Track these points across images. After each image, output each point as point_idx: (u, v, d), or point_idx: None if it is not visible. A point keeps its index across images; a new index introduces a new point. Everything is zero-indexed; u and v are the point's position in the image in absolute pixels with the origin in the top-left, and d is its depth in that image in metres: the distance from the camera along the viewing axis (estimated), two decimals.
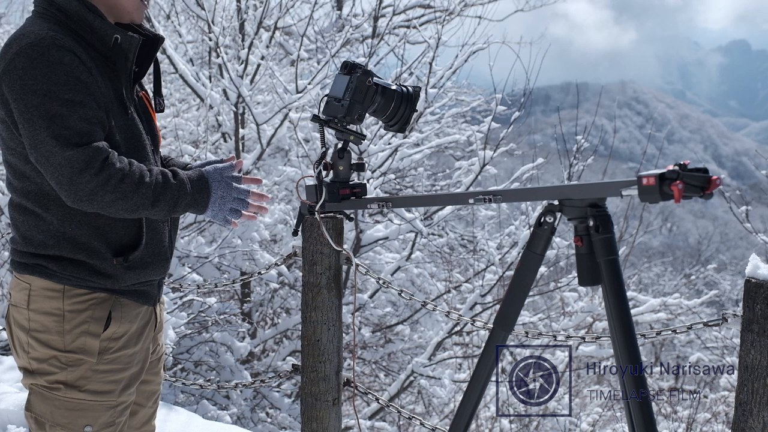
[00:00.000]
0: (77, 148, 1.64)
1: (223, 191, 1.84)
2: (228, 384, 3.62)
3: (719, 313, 2.21)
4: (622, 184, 1.71)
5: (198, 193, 1.81)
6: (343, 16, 8.51)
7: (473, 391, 2.06)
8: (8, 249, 5.50)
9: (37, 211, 1.76)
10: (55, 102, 1.64)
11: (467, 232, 8.42)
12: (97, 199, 1.67)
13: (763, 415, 1.98)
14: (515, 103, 7.52)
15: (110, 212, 1.71)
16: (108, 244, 1.79)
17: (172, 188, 1.76)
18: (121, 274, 1.81)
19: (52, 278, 1.77)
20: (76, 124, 1.65)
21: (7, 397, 3.83)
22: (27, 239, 1.79)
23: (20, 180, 1.76)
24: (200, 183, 1.82)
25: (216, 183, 1.84)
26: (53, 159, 1.64)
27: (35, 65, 1.64)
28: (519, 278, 1.97)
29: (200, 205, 1.82)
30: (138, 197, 1.70)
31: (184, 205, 1.79)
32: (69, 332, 1.76)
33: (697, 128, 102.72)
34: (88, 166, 1.64)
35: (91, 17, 1.75)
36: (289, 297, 6.91)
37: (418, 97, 2.14)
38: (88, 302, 1.78)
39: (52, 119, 1.63)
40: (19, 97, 1.65)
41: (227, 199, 1.85)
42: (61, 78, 1.65)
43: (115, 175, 1.67)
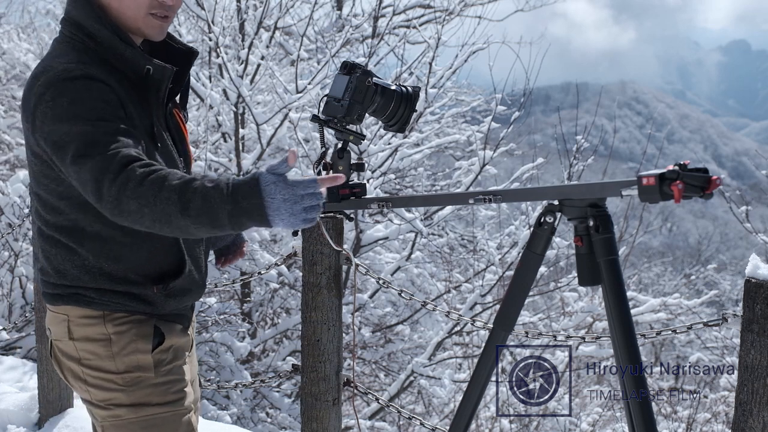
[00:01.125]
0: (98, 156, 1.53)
1: (285, 193, 1.48)
2: (228, 384, 3.62)
3: (719, 313, 2.21)
4: (622, 184, 1.71)
5: (244, 199, 1.47)
6: (343, 16, 8.51)
7: (473, 391, 2.06)
8: (8, 248, 5.51)
9: (72, 245, 1.68)
10: (81, 122, 1.56)
11: (467, 232, 8.42)
12: (124, 208, 1.50)
13: (763, 415, 1.98)
14: (515, 103, 7.53)
15: (147, 225, 1.52)
16: (146, 276, 1.72)
17: (204, 191, 1.48)
18: (161, 302, 1.75)
19: (90, 306, 1.70)
20: (101, 138, 1.55)
21: (7, 397, 3.83)
22: (60, 273, 1.72)
23: (52, 214, 1.69)
24: (247, 187, 1.47)
25: (272, 186, 1.47)
26: (85, 176, 1.53)
27: (63, 93, 1.58)
28: (519, 278, 1.97)
29: (255, 215, 1.48)
30: (162, 203, 1.47)
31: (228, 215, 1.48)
32: (119, 354, 1.71)
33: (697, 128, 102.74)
34: (107, 170, 1.51)
35: (123, 47, 1.67)
36: (289, 297, 6.92)
37: (418, 97, 2.14)
38: (130, 323, 1.73)
39: (80, 139, 1.54)
40: (51, 129, 1.57)
41: (292, 201, 1.48)
42: (88, 103, 1.58)
43: (134, 178, 1.49)
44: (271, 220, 1.48)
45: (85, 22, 1.68)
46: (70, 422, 3.57)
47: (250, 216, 1.49)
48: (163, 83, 1.73)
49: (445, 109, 7.93)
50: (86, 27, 1.68)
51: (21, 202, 5.34)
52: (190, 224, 1.50)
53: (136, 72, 1.69)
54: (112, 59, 1.67)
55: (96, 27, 1.67)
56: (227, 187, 1.48)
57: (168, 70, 1.73)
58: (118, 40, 1.67)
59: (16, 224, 5.14)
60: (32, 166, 1.69)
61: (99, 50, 1.67)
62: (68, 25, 1.71)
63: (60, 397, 3.62)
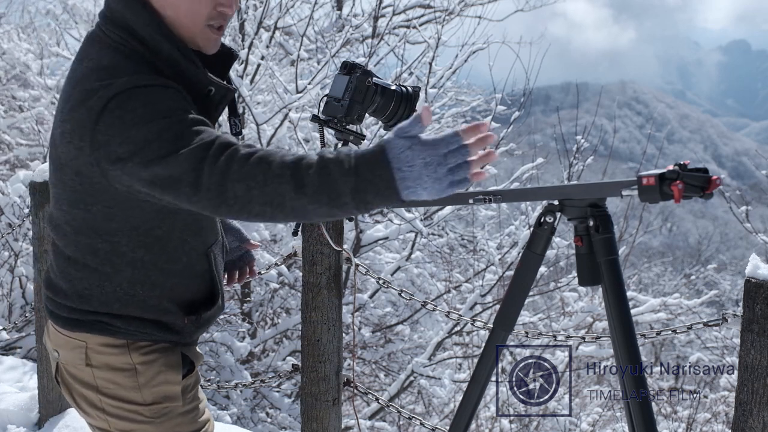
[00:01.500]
0: (190, 147, 1.37)
1: (424, 155, 1.27)
2: (228, 384, 3.62)
3: (719, 313, 2.21)
4: (622, 184, 1.71)
5: (369, 171, 1.27)
6: (343, 16, 8.51)
7: (473, 391, 2.06)
8: (8, 248, 5.51)
9: (104, 269, 1.54)
10: (160, 121, 1.39)
11: (467, 232, 8.42)
12: (229, 194, 1.33)
13: (763, 415, 1.98)
14: (515, 103, 7.53)
15: (256, 211, 1.35)
16: (179, 304, 1.61)
17: (323, 165, 1.30)
18: (190, 332, 1.65)
19: (114, 335, 1.57)
20: (187, 130, 1.39)
21: (7, 397, 3.83)
22: (84, 297, 1.57)
23: (88, 237, 1.54)
24: (373, 157, 1.28)
25: (407, 152, 1.27)
26: (177, 171, 1.35)
27: (134, 98, 1.40)
28: (519, 278, 1.97)
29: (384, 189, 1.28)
30: (274, 181, 1.31)
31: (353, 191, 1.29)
32: (146, 385, 1.59)
33: (697, 128, 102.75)
34: (205, 158, 1.35)
35: (185, 64, 1.51)
36: (289, 297, 6.91)
37: (418, 97, 2.14)
38: (157, 352, 1.61)
39: (162, 136, 1.37)
40: (124, 139, 1.39)
41: (435, 164, 1.27)
42: (165, 102, 1.41)
43: (237, 159, 1.33)
44: (407, 192, 1.28)
45: (142, 30, 1.50)
46: (70, 422, 3.56)
47: (377, 190, 1.28)
48: (222, 105, 1.60)
49: (445, 109, 7.92)
50: (143, 35, 1.50)
51: (21, 202, 5.34)
52: (306, 204, 1.31)
53: (193, 91, 1.52)
54: (168, 73, 1.50)
55: (156, 38, 1.49)
56: (348, 158, 1.30)
57: (231, 92, 1.60)
58: (179, 55, 1.51)
59: (16, 224, 5.14)
60: (72, 185, 1.51)
61: (155, 61, 1.50)
62: (115, 28, 1.51)
63: (60, 397, 3.62)
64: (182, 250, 1.59)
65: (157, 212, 1.53)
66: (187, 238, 1.60)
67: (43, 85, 8.42)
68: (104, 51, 1.50)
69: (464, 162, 1.28)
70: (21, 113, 8.35)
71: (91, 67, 1.47)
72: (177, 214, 1.56)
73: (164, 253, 1.57)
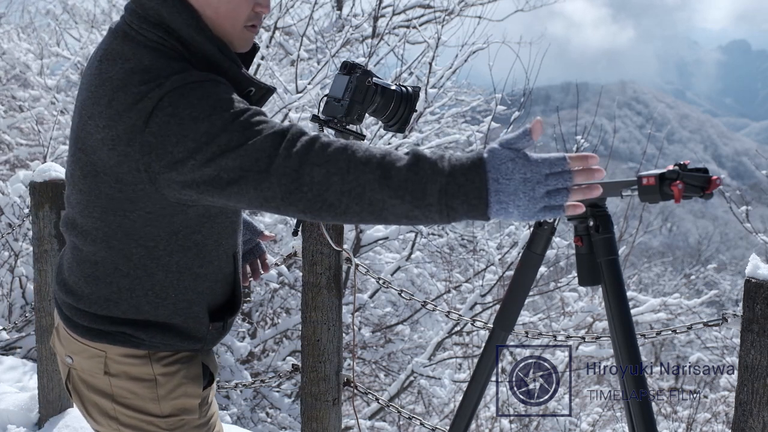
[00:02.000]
0: (264, 132, 1.31)
1: (524, 172, 1.20)
2: (228, 384, 3.62)
3: (719, 313, 2.21)
4: (622, 184, 1.71)
5: (463, 175, 1.20)
6: (343, 16, 8.51)
7: (473, 391, 2.06)
8: (8, 248, 5.51)
9: (138, 274, 1.50)
10: (224, 113, 1.33)
11: (467, 232, 8.42)
12: (306, 179, 1.25)
13: (763, 415, 1.98)
14: (515, 102, 7.53)
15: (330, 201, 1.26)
16: (207, 308, 1.59)
17: (415, 161, 1.23)
18: (212, 339, 1.62)
19: (138, 347, 1.54)
20: (255, 119, 1.33)
21: (7, 397, 3.83)
22: (111, 302, 1.52)
23: (122, 242, 1.48)
24: (471, 162, 1.21)
25: (509, 164, 1.20)
26: (247, 160, 1.29)
27: (187, 95, 1.34)
28: (519, 278, 1.97)
29: (473, 198, 1.20)
30: (357, 169, 1.24)
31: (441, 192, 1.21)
32: (165, 397, 1.56)
33: (697, 128, 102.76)
34: (282, 141, 1.29)
35: (227, 64, 1.47)
36: (289, 297, 6.91)
37: (418, 97, 2.14)
38: (178, 362, 1.58)
39: (228, 129, 1.31)
40: (180, 138, 1.32)
41: (534, 183, 1.20)
42: (222, 95, 1.36)
43: (319, 143, 1.28)
44: (498, 208, 1.20)
45: (181, 30, 1.44)
46: (70, 422, 3.57)
47: (466, 197, 1.20)
48: (260, 105, 1.56)
49: (445, 109, 7.92)
50: (182, 35, 1.44)
51: (21, 202, 5.34)
52: (387, 198, 1.23)
53: (237, 91, 1.46)
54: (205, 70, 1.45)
55: (197, 39, 1.44)
56: (443, 158, 1.23)
57: (270, 92, 1.56)
58: (222, 56, 1.47)
59: (16, 224, 5.14)
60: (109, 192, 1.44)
61: (194, 61, 1.44)
62: (150, 27, 1.44)
63: (60, 397, 3.62)
64: (215, 254, 1.57)
65: (199, 216, 1.49)
66: (222, 241, 1.58)
67: (43, 85, 8.41)
68: (141, 50, 1.42)
69: (564, 188, 1.22)
70: (21, 113, 8.34)
71: (130, 68, 1.39)
72: (217, 217, 1.53)
73: (199, 256, 1.54)
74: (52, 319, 2.49)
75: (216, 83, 1.38)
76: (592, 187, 1.24)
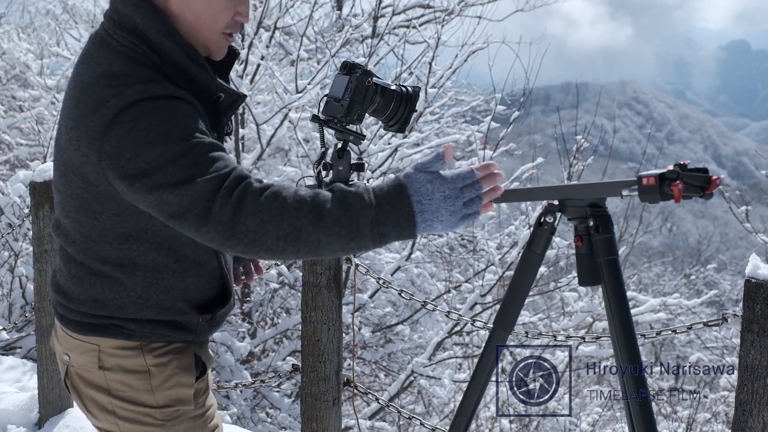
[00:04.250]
0: (207, 175, 1.36)
1: (443, 190, 1.33)
2: (228, 384, 3.62)
3: (719, 313, 2.21)
4: (622, 184, 1.71)
5: (389, 204, 1.32)
6: (343, 16, 8.51)
7: (473, 391, 2.06)
8: (8, 248, 5.51)
9: (117, 275, 1.54)
10: (177, 144, 1.37)
11: (467, 232, 8.42)
12: (240, 228, 1.33)
13: (763, 415, 1.98)
14: (515, 102, 7.53)
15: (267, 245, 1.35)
16: (194, 304, 1.61)
17: (342, 199, 1.33)
18: (204, 330, 1.65)
19: (129, 338, 1.57)
20: (204, 158, 1.38)
21: (7, 397, 3.83)
22: (98, 302, 1.56)
23: (98, 244, 1.53)
24: (392, 191, 1.33)
25: (427, 186, 1.33)
26: (186, 200, 1.35)
27: (146, 114, 1.38)
28: (519, 278, 1.97)
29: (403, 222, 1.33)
30: (290, 215, 1.32)
31: (371, 224, 1.32)
32: (159, 388, 1.59)
33: (697, 128, 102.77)
34: (219, 189, 1.35)
35: (195, 70, 1.50)
36: (289, 297, 6.91)
37: (418, 97, 2.14)
38: (170, 353, 1.61)
39: (177, 162, 1.36)
40: (133, 155, 1.37)
41: (453, 198, 1.34)
42: (179, 121, 1.40)
43: (252, 192, 1.34)
44: (424, 225, 1.33)
45: (152, 36, 1.47)
46: (70, 422, 3.57)
47: (396, 223, 1.33)
48: (231, 110, 1.60)
49: (444, 108, 7.92)
50: (152, 39, 1.47)
51: (21, 202, 5.34)
52: (321, 238, 1.33)
53: (202, 97, 1.52)
54: (177, 80, 1.48)
55: (166, 44, 1.47)
56: (367, 191, 1.34)
57: (240, 98, 1.59)
58: (190, 61, 1.49)
59: (16, 224, 5.14)
60: (79, 193, 1.49)
61: (164, 68, 1.48)
62: (124, 32, 1.48)
63: (60, 397, 3.62)
64: (190, 249, 1.58)
65: None
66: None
67: (43, 85, 8.42)
68: (113, 56, 1.47)
69: (477, 196, 1.35)
70: (21, 113, 8.35)
71: (100, 72, 1.44)
72: None
73: (172, 253, 1.56)
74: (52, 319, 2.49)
75: (178, 103, 1.42)
76: (496, 188, 1.39)
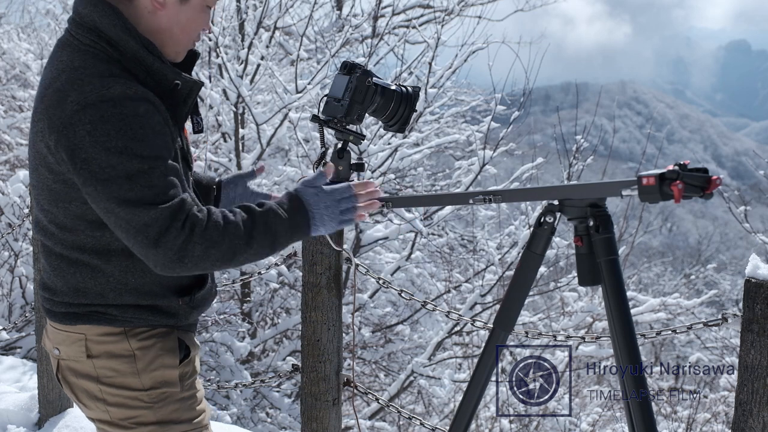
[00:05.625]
0: (162, 205, 1.49)
1: (326, 201, 1.66)
2: (228, 384, 3.62)
3: (719, 313, 2.21)
4: (622, 184, 1.71)
5: (297, 215, 1.62)
6: (343, 16, 8.52)
7: (473, 391, 2.05)
8: (8, 248, 5.51)
9: (95, 263, 1.61)
10: (134, 160, 1.47)
11: (467, 232, 8.42)
12: (188, 255, 1.50)
13: (763, 415, 1.98)
14: (515, 102, 7.52)
15: (205, 267, 1.55)
16: (171, 288, 1.68)
17: (263, 218, 1.58)
18: (185, 313, 1.71)
19: (112, 323, 1.63)
20: (159, 181, 1.50)
21: (7, 397, 3.83)
22: (79, 291, 1.63)
23: (72, 233, 1.60)
24: (296, 205, 1.63)
25: (314, 198, 1.65)
26: (136, 221, 1.48)
27: (107, 119, 1.47)
28: (519, 278, 1.97)
29: (303, 228, 1.63)
30: (229, 239, 1.53)
31: (286, 233, 1.60)
32: (145, 370, 1.65)
33: (697, 128, 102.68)
34: (175, 220, 1.49)
35: (150, 59, 1.57)
36: (289, 297, 6.91)
37: (418, 97, 2.14)
38: (154, 337, 1.67)
39: (132, 179, 1.47)
40: (90, 156, 1.47)
41: (334, 207, 1.67)
42: (138, 132, 1.48)
43: (199, 224, 1.51)
44: (314, 229, 1.65)
45: (109, 31, 1.56)
46: (70, 422, 3.57)
47: (299, 229, 1.63)
48: (190, 98, 1.66)
49: (444, 108, 7.92)
50: (109, 35, 1.56)
51: (21, 202, 5.34)
52: (251, 254, 1.58)
53: (160, 86, 1.60)
54: (137, 71, 1.57)
55: (123, 37, 1.56)
56: (278, 208, 1.61)
57: (197, 84, 1.67)
58: (145, 51, 1.58)
59: (16, 224, 5.14)
60: (48, 184, 1.58)
61: (123, 61, 1.56)
62: (85, 31, 1.57)
63: (60, 397, 3.62)
64: None
65: None
66: None
67: None
68: (74, 53, 1.56)
69: (352, 207, 1.69)
70: (21, 113, 8.35)
71: (62, 68, 1.54)
72: None
73: None
74: None
75: (137, 105, 1.50)
76: (373, 203, 1.74)
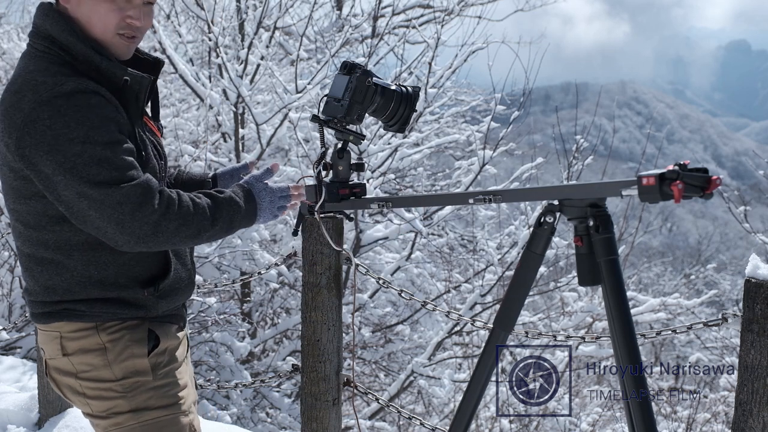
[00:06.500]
0: (132, 182, 1.62)
1: (270, 196, 1.92)
2: (228, 384, 3.62)
3: (719, 313, 2.21)
4: (622, 184, 1.71)
5: (249, 204, 1.86)
6: (343, 16, 8.51)
7: (473, 391, 2.05)
8: (8, 248, 5.51)
9: (58, 258, 1.71)
10: (97, 146, 1.59)
11: (467, 232, 8.42)
12: (162, 230, 1.65)
13: (763, 415, 1.98)
14: (514, 102, 7.52)
15: (174, 243, 1.70)
16: (135, 278, 1.77)
17: (225, 204, 1.80)
18: (153, 304, 1.79)
19: (81, 319, 1.73)
20: (124, 162, 1.62)
21: (7, 397, 3.83)
22: (49, 288, 1.74)
23: (35, 230, 1.70)
24: (248, 196, 1.87)
25: (262, 192, 1.91)
26: (110, 200, 1.59)
27: (64, 112, 1.58)
28: (519, 278, 1.97)
29: (252, 216, 1.88)
30: (198, 219, 1.71)
31: (240, 220, 1.83)
32: (115, 361, 1.74)
33: (697, 128, 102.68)
34: (148, 196, 1.63)
35: (98, 59, 1.69)
36: (289, 297, 6.91)
37: (418, 97, 2.14)
38: (124, 329, 1.76)
39: (100, 163, 1.59)
40: (52, 149, 1.57)
41: (274, 202, 1.94)
42: (95, 121, 1.60)
43: (173, 202, 1.68)
44: (258, 218, 1.90)
45: (59, 36, 1.68)
46: (70, 422, 3.57)
47: (249, 217, 1.87)
48: (141, 93, 1.76)
49: (444, 108, 7.92)
50: (60, 40, 1.68)
51: None
52: (212, 233, 1.77)
53: (113, 83, 1.70)
54: (87, 72, 1.68)
55: (70, 40, 1.68)
56: (236, 196, 1.84)
57: (146, 79, 1.76)
58: (93, 52, 1.68)
59: None
60: (10, 182, 1.68)
61: (75, 63, 1.68)
62: (40, 39, 1.71)
63: (60, 397, 3.62)
64: None
65: None
66: None
67: None
68: (31, 60, 1.69)
69: (286, 205, 1.98)
70: None
71: (18, 73, 1.67)
72: None
73: None
74: None
75: (89, 97, 1.61)
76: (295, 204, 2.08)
